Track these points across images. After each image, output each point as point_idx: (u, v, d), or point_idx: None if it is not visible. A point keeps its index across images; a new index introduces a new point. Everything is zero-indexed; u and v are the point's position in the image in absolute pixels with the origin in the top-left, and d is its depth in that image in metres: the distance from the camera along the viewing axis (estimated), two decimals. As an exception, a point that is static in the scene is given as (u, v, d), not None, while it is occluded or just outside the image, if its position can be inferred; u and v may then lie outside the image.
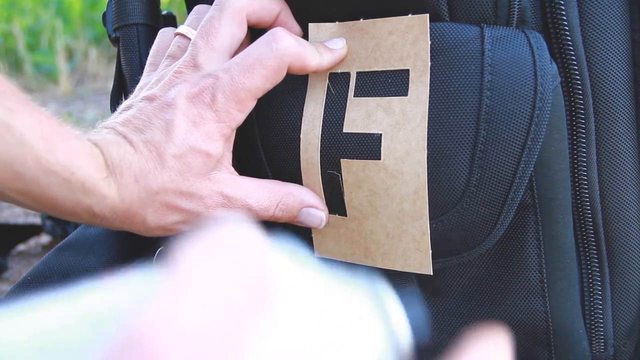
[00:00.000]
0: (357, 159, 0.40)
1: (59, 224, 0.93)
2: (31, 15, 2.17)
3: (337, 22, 0.41)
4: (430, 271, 0.40)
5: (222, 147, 0.40)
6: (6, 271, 0.91)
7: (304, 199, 0.42)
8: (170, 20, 0.52)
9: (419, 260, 0.40)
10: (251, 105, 0.40)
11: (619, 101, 0.40)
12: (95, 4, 2.18)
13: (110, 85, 0.51)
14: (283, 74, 0.39)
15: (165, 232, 0.42)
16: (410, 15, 0.38)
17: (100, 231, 0.51)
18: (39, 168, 0.35)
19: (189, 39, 0.42)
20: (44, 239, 1.00)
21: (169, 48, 0.43)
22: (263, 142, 0.45)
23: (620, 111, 0.40)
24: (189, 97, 0.39)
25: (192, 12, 0.44)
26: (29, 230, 0.98)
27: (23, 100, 0.36)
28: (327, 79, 0.41)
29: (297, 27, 0.43)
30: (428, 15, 0.38)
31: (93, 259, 0.49)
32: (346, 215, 0.42)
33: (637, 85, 0.40)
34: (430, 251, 0.39)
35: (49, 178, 0.36)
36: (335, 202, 0.42)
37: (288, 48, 0.39)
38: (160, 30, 0.45)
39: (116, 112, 0.42)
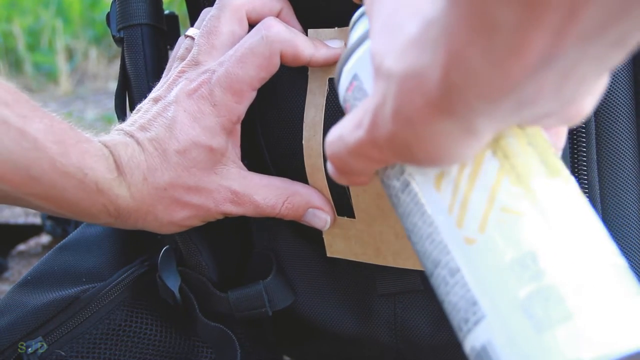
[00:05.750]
0: None
1: (59, 224, 0.93)
2: (31, 15, 2.17)
3: (336, 28, 0.41)
4: None
5: (224, 140, 0.40)
6: (6, 271, 0.91)
7: (310, 200, 0.42)
8: (173, 20, 0.52)
9: None
10: (249, 96, 0.40)
11: (618, 100, 0.40)
12: (95, 4, 2.17)
13: (110, 85, 0.52)
14: (277, 62, 0.40)
15: (179, 228, 0.42)
16: None
17: (100, 231, 0.51)
18: (54, 171, 0.36)
19: None
20: (44, 239, 1.00)
21: (179, 51, 0.44)
22: (268, 148, 0.45)
23: (620, 111, 0.40)
24: (189, 93, 0.40)
25: (200, 15, 0.45)
26: (29, 230, 0.98)
27: (34, 107, 0.37)
28: (326, 84, 0.41)
29: (299, 27, 0.43)
30: None
31: (93, 259, 0.49)
32: (354, 217, 0.42)
33: (637, 85, 0.40)
34: None
35: (64, 180, 0.37)
36: (343, 204, 0.42)
37: (278, 34, 0.39)
38: (180, 38, 0.46)
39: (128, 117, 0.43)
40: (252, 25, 0.42)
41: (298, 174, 0.43)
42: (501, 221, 0.25)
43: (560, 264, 0.24)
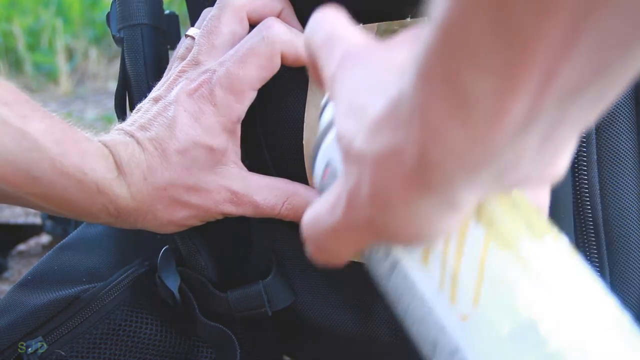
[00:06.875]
0: None
1: (59, 224, 0.93)
2: (31, 15, 2.17)
3: None
4: None
5: (225, 140, 0.40)
6: (6, 271, 0.91)
7: (310, 201, 0.42)
8: (173, 20, 0.52)
9: None
10: (250, 96, 0.40)
11: (618, 101, 0.40)
12: (95, 4, 2.18)
13: (110, 85, 0.52)
14: (277, 62, 0.40)
15: (178, 228, 0.43)
16: (409, 19, 0.38)
17: (101, 231, 0.51)
18: (54, 171, 0.37)
19: None
20: (44, 239, 1.00)
21: (179, 50, 0.44)
22: (268, 148, 0.45)
23: (620, 110, 0.40)
24: (189, 93, 0.40)
25: (201, 15, 0.45)
26: (29, 230, 0.98)
27: (35, 107, 0.37)
28: None
29: (299, 27, 0.43)
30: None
31: (93, 258, 0.49)
32: None
33: (637, 84, 0.40)
34: None
35: (64, 181, 0.37)
36: None
37: (279, 35, 0.39)
38: (182, 38, 0.46)
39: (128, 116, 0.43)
40: (252, 26, 0.42)
41: (298, 174, 0.43)
42: (494, 291, 0.23)
43: (561, 328, 0.22)
